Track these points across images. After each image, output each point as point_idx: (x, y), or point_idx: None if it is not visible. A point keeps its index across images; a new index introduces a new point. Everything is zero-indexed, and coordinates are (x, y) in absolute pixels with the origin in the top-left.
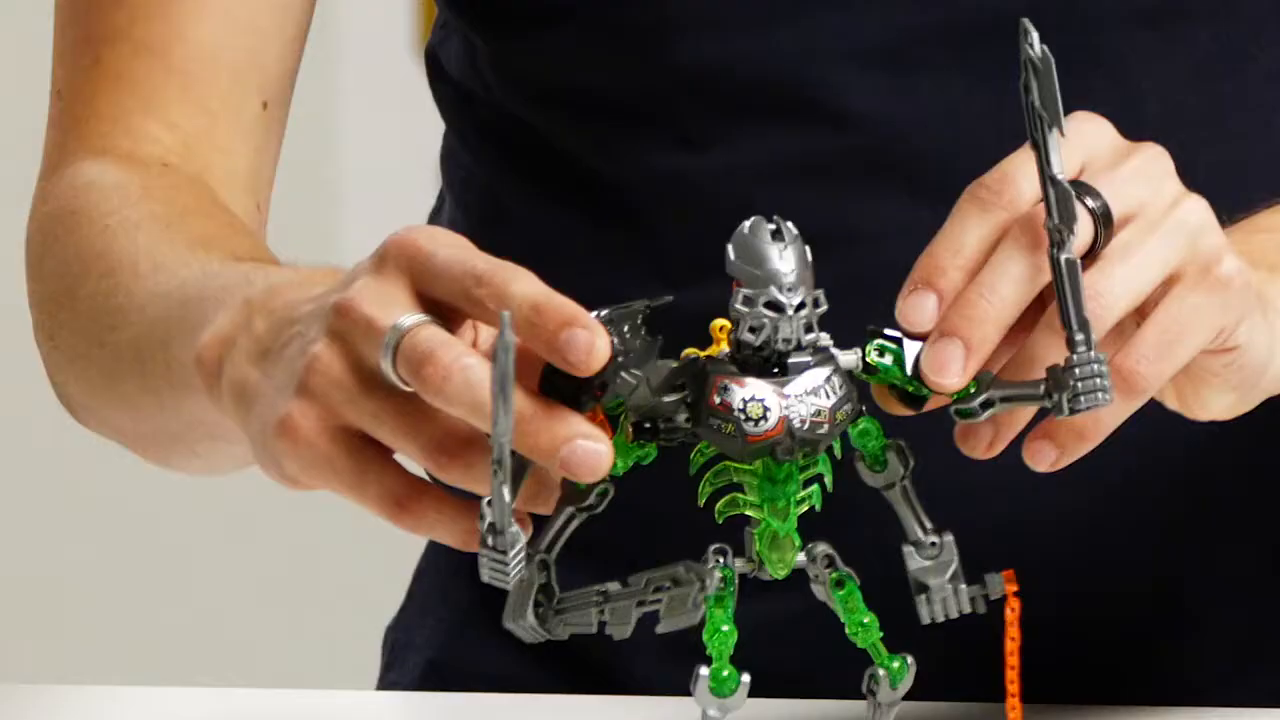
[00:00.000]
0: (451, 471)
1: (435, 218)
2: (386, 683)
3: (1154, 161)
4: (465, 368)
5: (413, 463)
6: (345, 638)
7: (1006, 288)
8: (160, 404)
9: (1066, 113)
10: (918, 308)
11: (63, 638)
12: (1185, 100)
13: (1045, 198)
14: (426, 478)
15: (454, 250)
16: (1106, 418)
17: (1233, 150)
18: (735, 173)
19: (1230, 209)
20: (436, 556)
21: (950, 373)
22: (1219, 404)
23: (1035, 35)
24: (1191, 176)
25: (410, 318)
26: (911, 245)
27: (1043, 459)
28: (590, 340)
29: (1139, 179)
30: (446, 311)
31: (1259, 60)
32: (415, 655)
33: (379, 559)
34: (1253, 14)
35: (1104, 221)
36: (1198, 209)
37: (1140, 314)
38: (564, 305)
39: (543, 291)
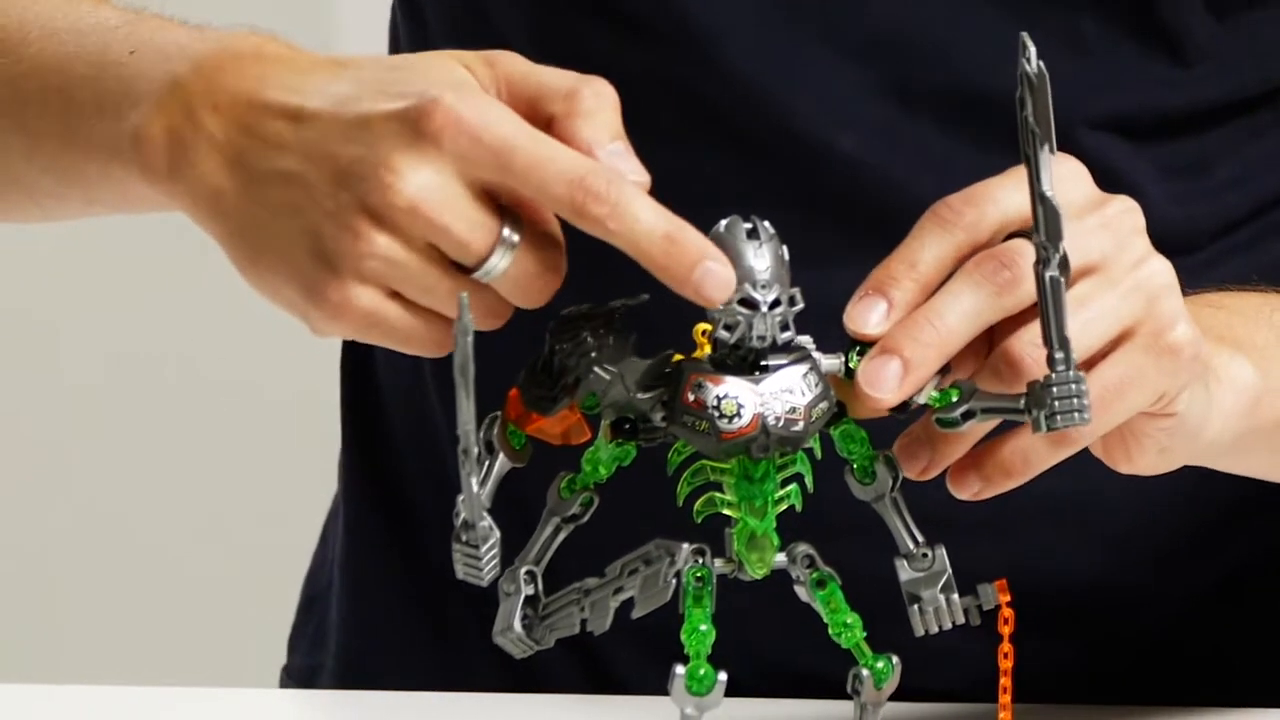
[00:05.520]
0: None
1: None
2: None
3: (1124, 215)
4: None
5: None
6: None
7: (954, 318)
8: (55, 146)
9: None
10: (866, 311)
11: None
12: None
13: (1034, 213)
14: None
15: (532, 144)
16: (1035, 460)
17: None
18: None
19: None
20: (338, 575)
21: (885, 388)
22: (1143, 462)
23: (1033, 50)
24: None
25: (504, 254)
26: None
27: (966, 488)
28: (727, 277)
29: (1105, 231)
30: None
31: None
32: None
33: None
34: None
35: (1062, 269)
36: (1161, 270)
37: (1088, 364)
38: (696, 238)
39: (671, 221)
